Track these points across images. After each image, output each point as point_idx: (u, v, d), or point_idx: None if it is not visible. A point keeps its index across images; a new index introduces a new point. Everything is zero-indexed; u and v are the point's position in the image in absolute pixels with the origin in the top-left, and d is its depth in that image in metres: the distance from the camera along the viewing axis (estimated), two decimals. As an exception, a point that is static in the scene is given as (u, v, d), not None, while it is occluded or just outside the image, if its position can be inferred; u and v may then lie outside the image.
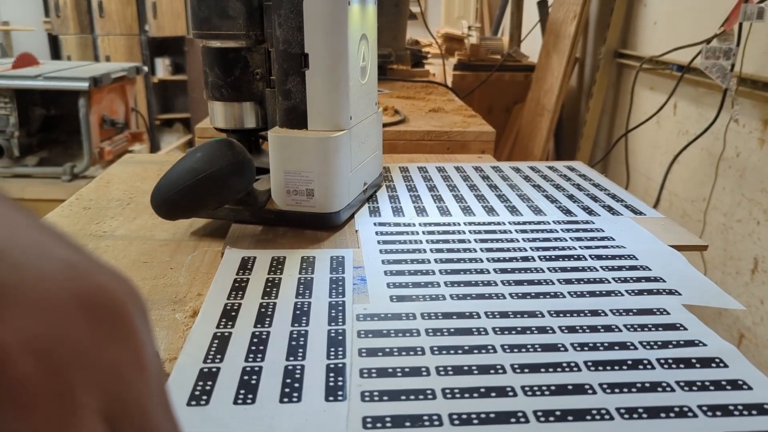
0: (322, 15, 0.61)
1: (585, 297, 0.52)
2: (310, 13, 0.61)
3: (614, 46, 2.35)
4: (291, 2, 0.61)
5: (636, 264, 0.58)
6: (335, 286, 0.53)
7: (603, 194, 0.80)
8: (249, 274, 0.55)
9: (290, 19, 0.61)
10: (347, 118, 0.65)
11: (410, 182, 0.83)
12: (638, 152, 2.20)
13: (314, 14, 0.61)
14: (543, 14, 2.91)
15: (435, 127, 1.19)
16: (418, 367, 0.41)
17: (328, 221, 0.65)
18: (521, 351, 0.43)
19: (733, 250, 1.63)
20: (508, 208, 0.73)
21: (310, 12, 0.61)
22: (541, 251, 0.61)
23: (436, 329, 0.46)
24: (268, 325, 0.47)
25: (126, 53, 4.31)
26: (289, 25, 0.62)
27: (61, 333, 0.17)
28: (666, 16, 2.03)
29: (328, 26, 0.61)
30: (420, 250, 0.61)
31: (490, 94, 2.69)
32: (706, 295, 0.53)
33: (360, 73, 0.68)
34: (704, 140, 1.72)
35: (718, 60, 1.53)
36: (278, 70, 0.64)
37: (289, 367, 0.41)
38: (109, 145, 2.28)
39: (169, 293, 0.54)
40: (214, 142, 0.60)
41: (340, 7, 0.61)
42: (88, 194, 0.80)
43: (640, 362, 0.42)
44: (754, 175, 1.55)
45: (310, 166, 0.63)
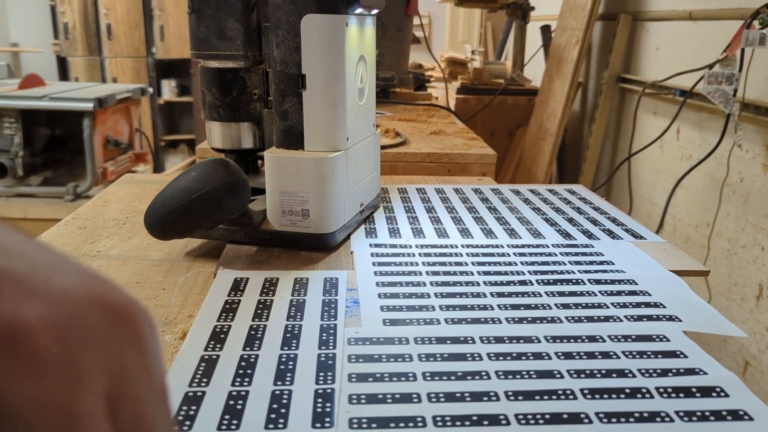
0: (319, 36, 0.61)
1: (583, 322, 0.51)
2: (308, 34, 0.61)
3: (617, 71, 2.36)
4: (289, 23, 0.61)
5: (636, 289, 0.57)
6: (327, 308, 0.52)
7: (603, 218, 0.79)
8: (241, 295, 0.54)
9: (288, 40, 0.61)
10: (344, 139, 0.64)
11: (408, 203, 0.83)
12: (641, 177, 2.20)
13: (312, 35, 0.61)
14: (546, 39, 2.92)
15: (436, 149, 1.19)
16: (409, 394, 0.40)
17: (323, 242, 0.64)
18: (516, 377, 0.42)
19: (738, 276, 1.61)
20: (506, 230, 0.73)
21: (308, 33, 0.61)
22: (539, 275, 0.60)
23: (430, 354, 0.45)
24: (257, 348, 0.46)
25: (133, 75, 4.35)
26: (287, 45, 0.62)
27: (77, 320, 0.20)
28: (668, 42, 2.04)
29: (326, 47, 0.61)
30: (416, 273, 0.60)
31: (493, 118, 2.70)
32: (707, 322, 0.51)
33: (357, 94, 0.67)
34: (707, 165, 1.72)
35: (720, 85, 1.53)
36: (275, 91, 0.64)
37: (276, 392, 0.40)
38: (112, 165, 2.29)
39: (160, 314, 0.53)
40: (209, 161, 0.59)
41: (338, 28, 0.61)
42: (85, 213, 0.80)
43: (639, 391, 0.41)
44: (758, 200, 1.53)
45: (305, 186, 0.63)
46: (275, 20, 0.61)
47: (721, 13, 1.71)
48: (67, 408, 0.19)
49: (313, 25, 0.60)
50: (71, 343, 0.20)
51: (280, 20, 0.61)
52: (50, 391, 0.19)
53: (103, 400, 0.20)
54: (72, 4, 4.17)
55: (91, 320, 0.21)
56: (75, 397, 0.20)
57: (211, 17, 0.64)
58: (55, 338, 0.20)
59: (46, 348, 0.19)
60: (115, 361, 0.21)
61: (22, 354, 0.19)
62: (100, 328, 0.21)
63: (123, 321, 0.22)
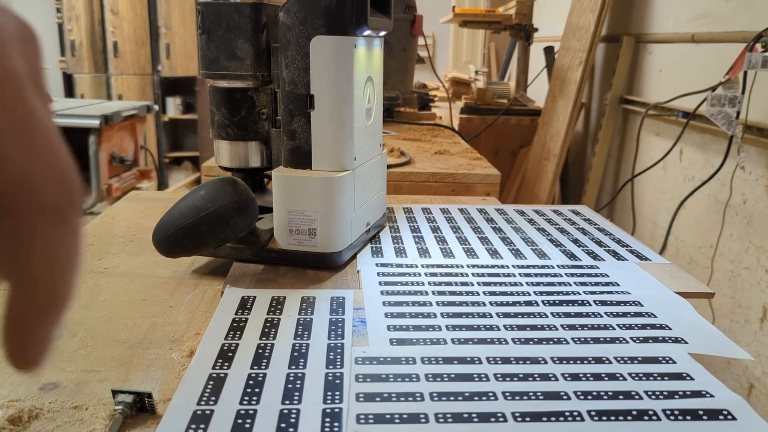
0: (328, 57, 0.61)
1: (589, 344, 0.51)
2: (317, 55, 0.61)
3: (620, 93, 2.37)
4: (298, 44, 0.62)
5: (641, 311, 0.57)
6: (335, 327, 0.52)
7: (608, 239, 0.79)
8: (248, 313, 0.55)
9: (297, 61, 0.62)
10: (351, 158, 0.65)
11: (414, 223, 0.83)
12: (644, 197, 2.20)
13: (321, 56, 0.61)
14: (549, 60, 2.95)
15: (440, 169, 1.20)
16: (417, 414, 0.40)
17: (329, 261, 0.65)
18: (523, 399, 0.42)
19: (742, 297, 1.61)
20: (512, 251, 0.73)
21: (317, 53, 0.61)
22: (545, 296, 0.60)
23: (437, 374, 0.45)
24: (265, 366, 0.46)
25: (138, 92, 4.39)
26: (296, 66, 0.62)
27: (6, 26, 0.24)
28: (671, 64, 2.06)
29: (334, 68, 0.62)
30: (422, 292, 0.60)
31: (496, 138, 2.71)
32: (712, 344, 0.52)
33: (365, 114, 0.68)
34: (711, 187, 1.72)
35: (723, 107, 1.54)
36: (284, 111, 0.64)
37: (284, 411, 0.40)
38: (117, 181, 2.30)
39: (167, 332, 0.53)
40: (217, 180, 0.60)
41: (347, 49, 0.62)
42: (92, 230, 0.80)
43: (646, 413, 0.41)
44: (762, 222, 1.54)
45: (313, 205, 0.63)
46: (285, 41, 0.62)
47: (724, 36, 1.73)
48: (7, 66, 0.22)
49: (322, 47, 0.61)
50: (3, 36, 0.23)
51: (290, 41, 0.62)
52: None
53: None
54: (79, 22, 4.22)
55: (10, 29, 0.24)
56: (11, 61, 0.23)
57: (221, 38, 0.65)
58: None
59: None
60: (28, 55, 0.24)
61: None
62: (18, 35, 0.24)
63: (31, 32, 0.25)
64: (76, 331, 0.53)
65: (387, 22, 0.69)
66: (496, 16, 2.99)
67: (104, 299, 0.59)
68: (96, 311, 0.57)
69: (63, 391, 0.43)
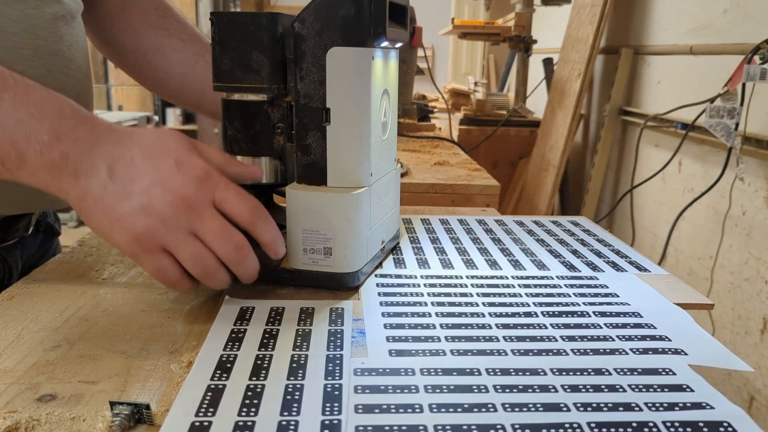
0: (345, 69, 0.60)
1: (589, 355, 0.51)
2: (333, 68, 0.59)
3: (619, 104, 2.38)
4: (314, 55, 0.60)
5: (641, 322, 0.57)
6: (333, 338, 0.52)
7: (607, 250, 0.79)
8: (247, 324, 0.54)
9: (312, 73, 0.60)
10: (368, 174, 0.63)
11: (413, 234, 0.83)
12: (644, 208, 2.20)
13: (337, 69, 0.59)
14: (548, 71, 2.96)
15: (440, 180, 1.20)
16: (416, 426, 0.40)
17: (345, 281, 0.63)
18: (522, 410, 0.42)
19: (742, 309, 1.61)
20: (511, 262, 0.73)
21: (333, 66, 0.59)
22: (544, 306, 0.60)
23: (436, 386, 0.45)
24: (264, 378, 0.46)
25: (138, 103, 4.40)
26: (311, 78, 0.60)
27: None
28: (670, 76, 2.07)
29: (351, 81, 0.60)
30: (421, 303, 0.60)
31: (495, 149, 2.72)
32: (713, 356, 0.51)
33: (381, 128, 0.66)
34: (710, 198, 1.72)
35: (722, 119, 1.55)
36: (298, 125, 0.62)
37: (282, 423, 0.40)
38: (116, 192, 2.30)
39: (166, 343, 0.53)
40: None
41: (364, 61, 0.60)
42: (91, 241, 0.80)
43: (646, 425, 0.41)
44: (761, 233, 1.54)
45: (329, 223, 0.61)
46: (300, 53, 0.60)
47: (722, 48, 1.74)
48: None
49: (339, 59, 0.59)
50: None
51: (305, 53, 0.60)
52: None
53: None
54: (80, 34, 4.24)
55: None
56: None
57: (236, 49, 0.62)
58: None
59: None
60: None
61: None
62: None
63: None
64: (74, 341, 0.52)
65: (404, 33, 0.66)
66: (495, 28, 3.01)
67: (103, 310, 0.59)
68: (94, 322, 0.56)
69: (60, 402, 0.43)
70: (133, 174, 0.51)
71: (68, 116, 0.52)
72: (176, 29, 0.88)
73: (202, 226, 0.52)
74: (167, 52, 0.88)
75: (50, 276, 0.68)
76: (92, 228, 0.52)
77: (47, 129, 0.50)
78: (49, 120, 0.51)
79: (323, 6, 0.59)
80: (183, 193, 0.51)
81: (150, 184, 0.51)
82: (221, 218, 0.53)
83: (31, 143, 0.50)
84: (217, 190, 0.53)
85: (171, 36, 0.88)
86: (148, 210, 0.50)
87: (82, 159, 0.51)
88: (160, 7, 0.89)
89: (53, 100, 0.52)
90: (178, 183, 0.51)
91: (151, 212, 0.50)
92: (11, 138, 0.50)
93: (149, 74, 0.91)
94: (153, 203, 0.50)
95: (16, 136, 0.50)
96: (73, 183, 0.51)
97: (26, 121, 0.50)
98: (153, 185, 0.51)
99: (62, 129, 0.51)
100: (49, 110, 0.51)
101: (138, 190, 0.51)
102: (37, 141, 0.50)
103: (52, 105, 0.52)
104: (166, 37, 0.88)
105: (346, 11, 0.58)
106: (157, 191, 0.51)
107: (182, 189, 0.51)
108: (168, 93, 0.93)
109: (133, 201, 0.50)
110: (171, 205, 0.51)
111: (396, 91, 0.71)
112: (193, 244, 0.52)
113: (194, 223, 0.52)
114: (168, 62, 0.88)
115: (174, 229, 0.51)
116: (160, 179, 0.51)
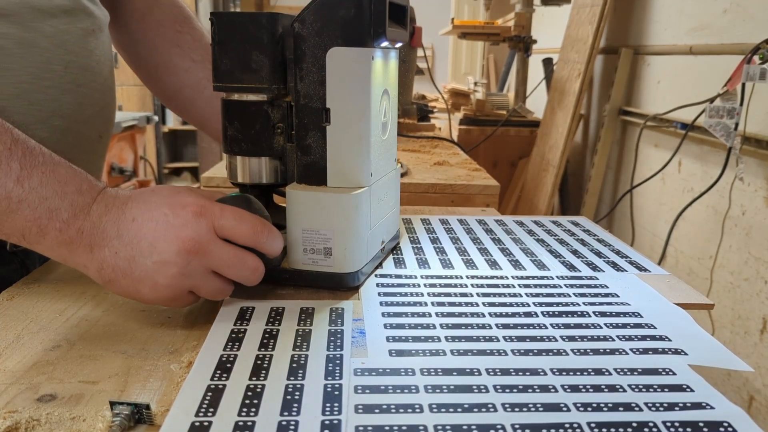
0: (345, 69, 0.59)
1: (589, 355, 0.51)
2: (333, 68, 0.59)
3: (618, 104, 2.38)
4: (313, 56, 0.60)
5: (641, 322, 0.57)
6: (333, 338, 0.52)
7: (607, 250, 0.79)
8: (246, 324, 0.54)
9: (312, 73, 0.60)
10: (368, 175, 0.63)
11: (413, 234, 0.83)
12: (643, 208, 2.20)
13: (337, 68, 0.59)
14: (548, 71, 2.96)
15: (439, 180, 1.20)
16: (416, 426, 0.40)
17: (345, 282, 0.63)
18: (522, 410, 0.42)
19: (741, 309, 1.61)
20: (511, 262, 0.73)
21: (333, 66, 0.59)
22: (544, 306, 0.60)
23: (436, 386, 0.45)
24: (264, 378, 0.46)
25: (138, 103, 4.39)
26: (311, 79, 0.60)
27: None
28: (669, 76, 2.07)
29: (351, 81, 0.60)
30: (421, 303, 0.60)
31: (495, 149, 2.72)
32: (713, 356, 0.51)
33: (381, 128, 0.66)
34: (709, 198, 1.72)
35: (721, 119, 1.55)
36: (298, 125, 0.62)
37: (282, 423, 0.40)
38: (116, 192, 2.30)
39: (166, 343, 0.53)
40: (231, 198, 0.58)
41: (364, 61, 0.60)
42: (91, 241, 0.80)
43: (646, 425, 0.41)
44: (761, 233, 1.54)
45: (329, 224, 0.61)
46: (300, 53, 0.60)
47: (722, 48, 1.74)
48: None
49: (339, 59, 0.59)
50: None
51: (305, 53, 0.60)
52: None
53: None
54: (80, 34, 4.23)
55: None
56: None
57: (235, 49, 0.62)
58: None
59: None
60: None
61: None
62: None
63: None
64: (74, 342, 0.52)
65: (404, 33, 0.66)
66: (494, 28, 3.01)
67: (103, 310, 0.59)
68: (94, 322, 0.56)
69: (60, 402, 0.43)
70: (136, 233, 0.52)
71: (85, 192, 0.54)
72: (190, 47, 0.88)
73: (216, 262, 0.53)
74: (178, 72, 0.89)
75: (50, 276, 0.68)
76: (119, 293, 0.54)
77: (67, 206, 0.52)
78: (70, 197, 0.53)
79: (323, 6, 0.59)
80: (185, 237, 0.52)
81: (153, 239, 0.52)
82: (229, 247, 0.54)
83: (52, 220, 0.52)
84: (215, 219, 0.54)
85: (183, 54, 0.88)
86: (163, 266, 0.52)
87: (94, 231, 0.53)
88: (179, 20, 0.89)
89: (75, 178, 0.54)
90: (178, 227, 0.52)
91: (166, 266, 0.52)
92: (35, 214, 0.52)
93: (159, 88, 0.92)
94: (164, 257, 0.52)
95: (40, 213, 0.52)
96: (89, 256, 0.53)
97: (50, 199, 0.52)
98: (156, 239, 0.52)
99: (79, 206, 0.53)
100: (71, 188, 0.53)
101: (146, 247, 0.52)
102: (58, 218, 0.52)
103: (74, 183, 0.54)
104: (178, 55, 0.88)
105: (346, 11, 0.58)
106: (162, 244, 0.52)
107: (183, 233, 0.52)
108: (176, 109, 0.94)
109: (146, 260, 0.52)
110: (180, 253, 0.52)
111: (396, 91, 0.71)
112: (212, 281, 0.54)
113: (207, 262, 0.53)
114: (177, 81, 0.89)
115: (192, 275, 0.53)
116: (161, 231, 0.52)
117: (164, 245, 0.52)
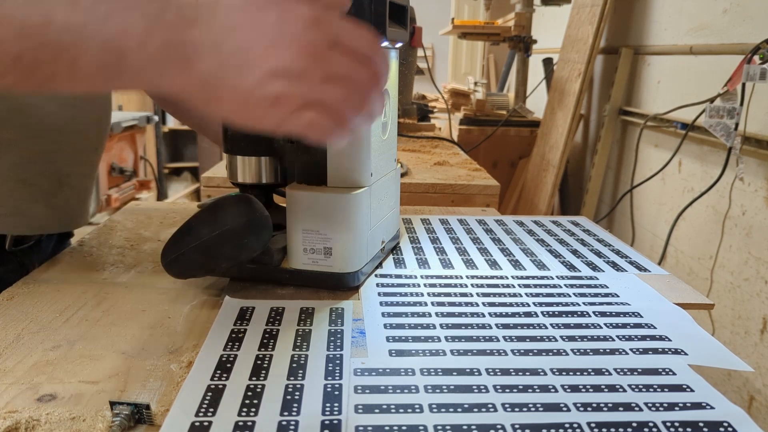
0: None
1: (589, 355, 0.51)
2: None
3: (619, 104, 2.38)
4: None
5: (641, 322, 0.57)
6: (333, 338, 0.52)
7: (607, 250, 0.79)
8: (247, 324, 0.54)
9: None
10: (368, 174, 0.63)
11: (413, 234, 0.83)
12: (643, 208, 2.20)
13: None
14: (548, 71, 2.96)
15: (439, 180, 1.20)
16: (416, 426, 0.40)
17: (345, 281, 0.63)
18: (522, 410, 0.42)
19: (741, 309, 1.61)
20: (511, 262, 0.73)
21: None
22: (544, 306, 0.60)
23: (436, 386, 0.45)
24: (264, 378, 0.46)
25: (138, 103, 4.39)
26: None
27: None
28: (669, 76, 2.07)
29: None
30: (421, 303, 0.60)
31: (495, 149, 2.72)
32: (713, 356, 0.51)
33: (381, 128, 0.66)
34: (710, 198, 1.72)
35: (722, 119, 1.55)
36: None
37: (282, 423, 0.40)
38: (116, 192, 2.30)
39: (166, 343, 0.53)
40: (230, 197, 0.58)
41: None
42: (90, 241, 0.80)
43: (646, 425, 0.41)
44: (761, 233, 1.54)
45: (328, 224, 0.61)
46: None
47: (722, 48, 1.74)
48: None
49: None
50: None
51: None
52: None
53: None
54: (80, 33, 4.23)
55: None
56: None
57: None
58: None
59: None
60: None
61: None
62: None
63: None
64: (74, 341, 0.52)
65: (404, 33, 0.66)
66: (495, 28, 3.00)
67: (103, 310, 0.59)
68: (94, 322, 0.56)
69: (60, 402, 0.43)
70: (242, 42, 0.45)
71: (153, 0, 0.45)
72: None
73: (337, 66, 0.46)
74: None
75: (50, 276, 0.68)
76: (225, 115, 0.47)
77: (139, 17, 0.43)
78: (137, 9, 0.44)
79: None
80: (303, 42, 0.45)
81: (265, 46, 0.45)
82: (348, 51, 0.46)
83: (128, 35, 0.43)
84: (333, 27, 0.46)
85: None
86: (277, 72, 0.45)
87: (185, 43, 0.44)
88: None
89: None
90: (293, 34, 0.45)
91: (281, 73, 0.45)
92: (103, 37, 0.43)
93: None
94: (279, 64, 0.45)
95: (109, 33, 0.43)
96: (187, 73, 0.45)
97: (115, 14, 0.43)
98: (269, 46, 0.45)
99: (152, 15, 0.44)
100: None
101: (256, 56, 0.45)
102: (134, 31, 0.43)
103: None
104: None
105: (345, 12, 0.58)
106: (275, 51, 0.45)
107: (300, 39, 0.45)
108: (174, 113, 0.93)
109: (256, 70, 0.45)
110: (296, 59, 0.45)
111: (396, 91, 0.71)
112: (333, 89, 0.46)
113: (327, 67, 0.46)
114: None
115: (311, 82, 0.46)
116: (272, 38, 0.45)
117: (278, 52, 0.45)
